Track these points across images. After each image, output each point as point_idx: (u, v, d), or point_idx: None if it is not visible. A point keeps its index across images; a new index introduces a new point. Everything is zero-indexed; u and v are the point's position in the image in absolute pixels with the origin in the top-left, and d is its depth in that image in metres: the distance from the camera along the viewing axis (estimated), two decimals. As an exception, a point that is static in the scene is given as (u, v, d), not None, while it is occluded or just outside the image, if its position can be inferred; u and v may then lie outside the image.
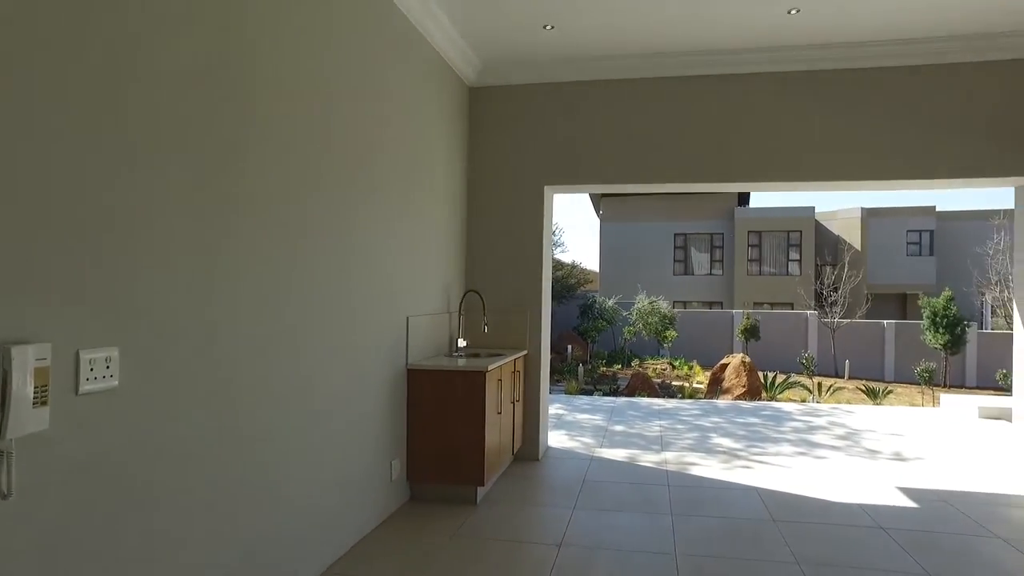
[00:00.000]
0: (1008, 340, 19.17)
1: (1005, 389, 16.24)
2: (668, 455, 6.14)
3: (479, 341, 5.76)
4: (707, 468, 5.71)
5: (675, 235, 29.00)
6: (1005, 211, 23.97)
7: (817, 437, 7.08)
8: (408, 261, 4.57)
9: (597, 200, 29.80)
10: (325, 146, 3.40)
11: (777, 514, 4.50)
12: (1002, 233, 21.18)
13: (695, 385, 15.04)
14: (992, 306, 22.18)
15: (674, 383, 15.64)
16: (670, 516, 4.45)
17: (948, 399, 9.27)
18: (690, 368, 19.28)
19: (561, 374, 16.40)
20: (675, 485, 5.18)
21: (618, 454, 6.16)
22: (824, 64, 5.41)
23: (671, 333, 21.42)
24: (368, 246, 3.92)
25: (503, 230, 5.93)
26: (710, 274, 28.88)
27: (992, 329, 22.16)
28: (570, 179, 5.89)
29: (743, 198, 29.01)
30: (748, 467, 5.76)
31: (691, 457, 6.09)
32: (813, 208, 27.62)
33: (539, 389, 5.92)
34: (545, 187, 5.92)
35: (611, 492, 5.00)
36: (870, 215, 27.70)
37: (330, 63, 3.46)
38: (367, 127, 3.88)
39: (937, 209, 27.24)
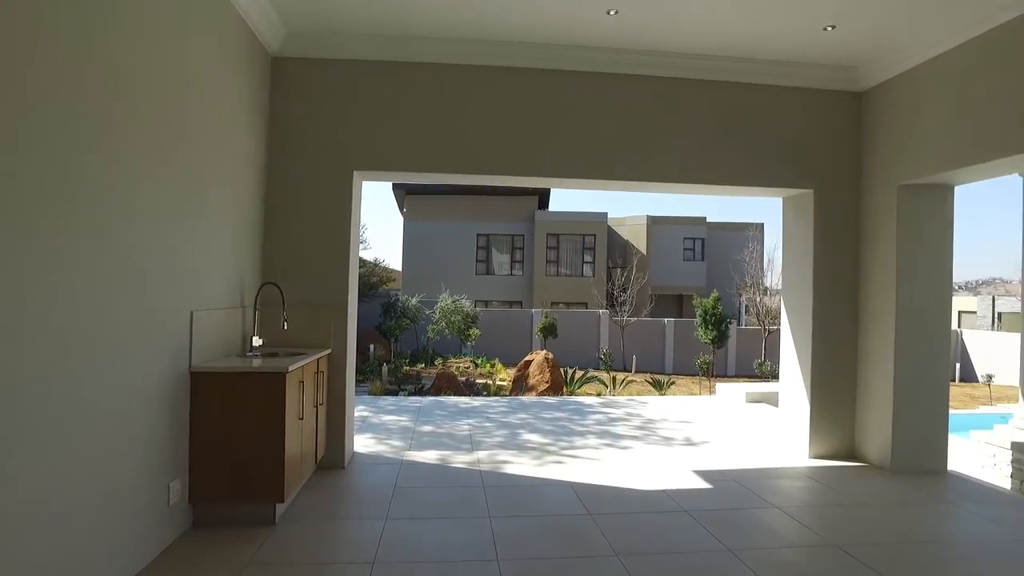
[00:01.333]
0: (758, 335, 22.31)
1: (759, 376, 18.74)
2: (480, 454, 5.99)
3: (278, 339, 5.13)
4: (520, 465, 5.65)
5: (478, 235, 29.53)
6: (756, 224, 27.79)
7: (618, 428, 7.41)
8: (193, 248, 3.86)
9: (401, 197, 29.37)
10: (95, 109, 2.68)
11: (592, 507, 4.53)
12: (755, 243, 24.49)
13: (499, 382, 15.29)
14: (746, 305, 25.45)
15: (478, 381, 15.76)
16: (489, 519, 4.26)
17: (722, 387, 10.34)
18: (492, 366, 19.64)
19: (364, 374, 15.75)
20: (490, 485, 5.02)
21: (429, 456, 5.87)
22: (640, 69, 5.62)
23: (474, 331, 21.69)
24: (140, 231, 3.20)
25: (307, 217, 5.36)
26: (511, 274, 29.85)
27: (747, 326, 25.42)
28: (382, 165, 5.49)
29: (543, 201, 30.40)
30: (560, 462, 5.80)
31: (503, 455, 6.00)
32: (606, 214, 29.79)
33: (345, 391, 5.44)
34: (355, 172, 5.45)
35: (425, 498, 4.70)
36: (654, 223, 30.54)
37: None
38: (137, 88, 3.17)
39: (707, 220, 30.84)
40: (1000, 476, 6.42)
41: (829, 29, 4.91)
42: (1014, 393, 18.45)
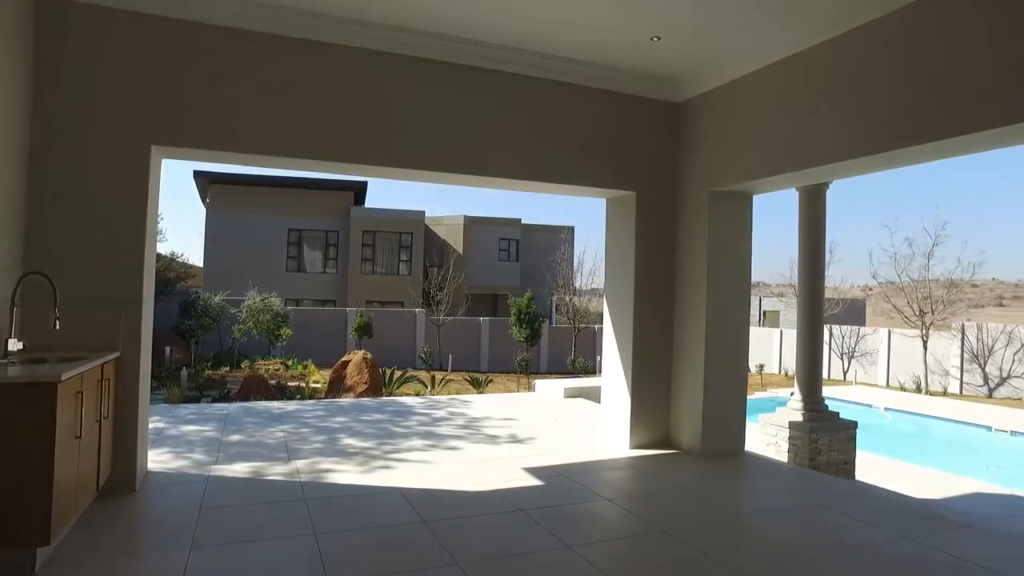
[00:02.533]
0: (569, 333, 23.50)
1: (573, 372, 19.71)
2: (299, 464, 5.47)
3: (48, 342, 4.21)
4: (345, 473, 5.24)
5: (289, 231, 27.85)
6: (567, 227, 29.32)
7: (443, 428, 7.24)
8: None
9: (204, 186, 26.75)
10: None
11: (427, 514, 4.29)
12: (566, 245, 25.79)
13: (313, 384, 14.43)
14: (557, 305, 26.73)
15: (291, 384, 14.74)
16: (314, 536, 3.84)
17: (541, 384, 10.62)
18: (305, 367, 18.54)
19: (159, 380, 13.99)
20: (314, 498, 4.57)
21: (240, 469, 5.24)
22: (478, 61, 5.48)
23: (285, 331, 20.33)
24: None
25: (92, 197, 4.48)
26: (324, 272, 28.53)
27: (557, 324, 26.69)
28: (187, 140, 4.78)
29: (359, 197, 29.44)
30: (387, 467, 5.48)
31: (325, 463, 5.53)
32: (424, 212, 29.58)
33: (137, 401, 4.64)
34: (153, 147, 4.68)
35: (239, 518, 4.13)
36: (471, 223, 30.93)
37: None
38: None
39: (522, 222, 31.91)
40: (780, 452, 7.26)
41: (655, 40, 5.15)
42: (780, 380, 21.42)
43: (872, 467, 7.59)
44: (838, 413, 7.40)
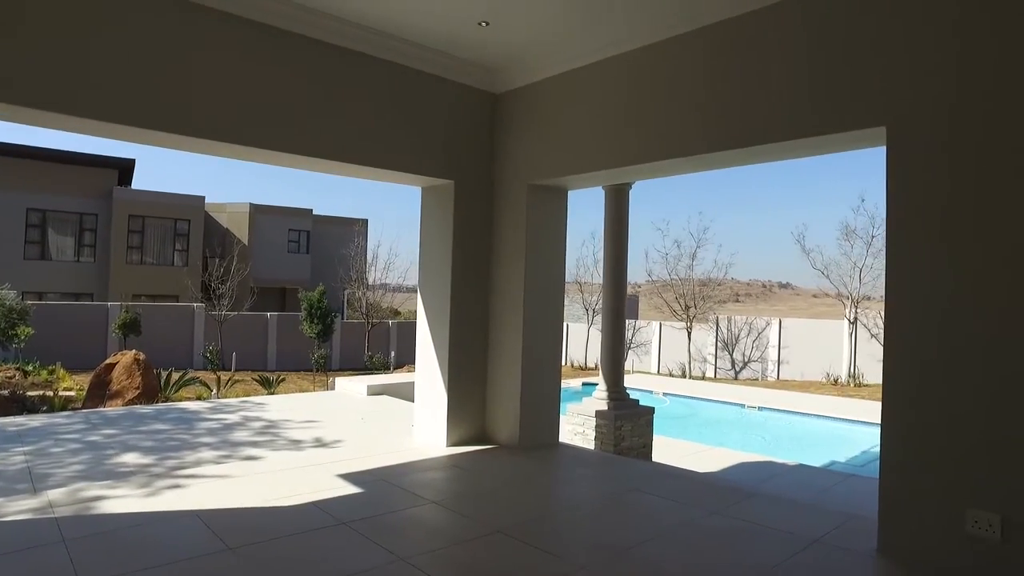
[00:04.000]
0: (362, 328, 22.72)
1: (372, 369, 19.07)
2: (53, 494, 4.44)
3: None
4: (121, 500, 4.36)
5: (29, 210, 23.50)
6: (361, 220, 28.43)
7: (238, 435, 6.46)
8: None
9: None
10: None
11: (232, 539, 3.69)
12: (360, 238, 24.96)
13: (64, 393, 12.21)
14: (349, 300, 25.77)
15: (32, 394, 12.32)
16: (85, 585, 3.09)
17: (342, 382, 10.04)
18: (52, 373, 15.68)
19: None
20: (77, 537, 3.70)
21: (-33, 508, 4.12)
22: (294, 27, 4.88)
23: (24, 330, 17.01)
24: None
25: None
26: (78, 261, 24.52)
27: (349, 319, 25.72)
28: None
29: (124, 176, 25.73)
30: (177, 486, 4.69)
31: (92, 489, 4.58)
32: (203, 197, 26.72)
33: None
34: None
35: (-32, 574, 3.20)
36: (257, 211, 28.59)
37: None
38: None
39: (314, 212, 30.24)
40: (588, 440, 7.58)
41: (484, 25, 5.00)
42: (567, 371, 22.78)
43: (662, 448, 8.25)
44: (638, 400, 7.92)
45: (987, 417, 3.39)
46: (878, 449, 3.79)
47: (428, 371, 6.24)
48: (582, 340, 24.79)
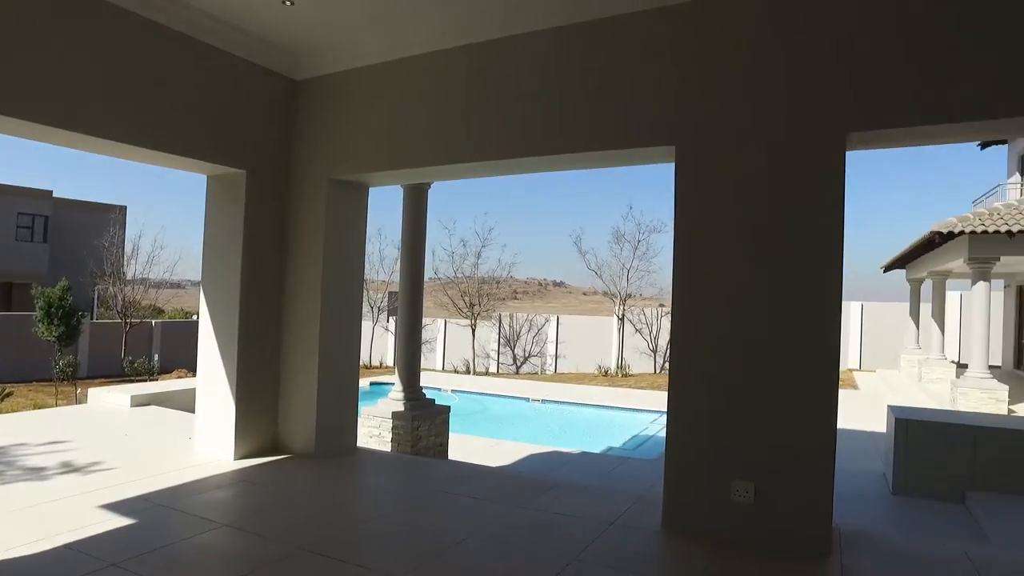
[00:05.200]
0: (119, 329, 19.93)
1: (133, 376, 16.66)
2: None
3: None
4: None
5: None
6: (119, 206, 24.92)
7: (-44, 467, 5.26)
8: None
9: None
10: None
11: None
12: (117, 228, 21.86)
13: None
14: (102, 297, 22.47)
15: None
16: None
17: (97, 393, 8.70)
18: None
19: None
20: None
21: None
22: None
23: None
24: None
25: None
26: None
27: (101, 319, 22.43)
28: None
29: None
30: None
31: None
32: None
33: None
34: None
35: None
36: (-30, 190, 23.63)
37: None
38: None
39: (55, 195, 25.71)
40: (384, 442, 7.42)
41: (288, 3, 4.62)
42: (362, 372, 22.16)
43: (457, 445, 8.38)
44: (434, 400, 7.94)
45: (744, 402, 3.95)
46: (648, 433, 4.22)
47: (212, 377, 5.64)
48: (367, 338, 24.31)
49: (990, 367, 13.05)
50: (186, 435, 6.24)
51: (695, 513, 4.09)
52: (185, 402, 8.68)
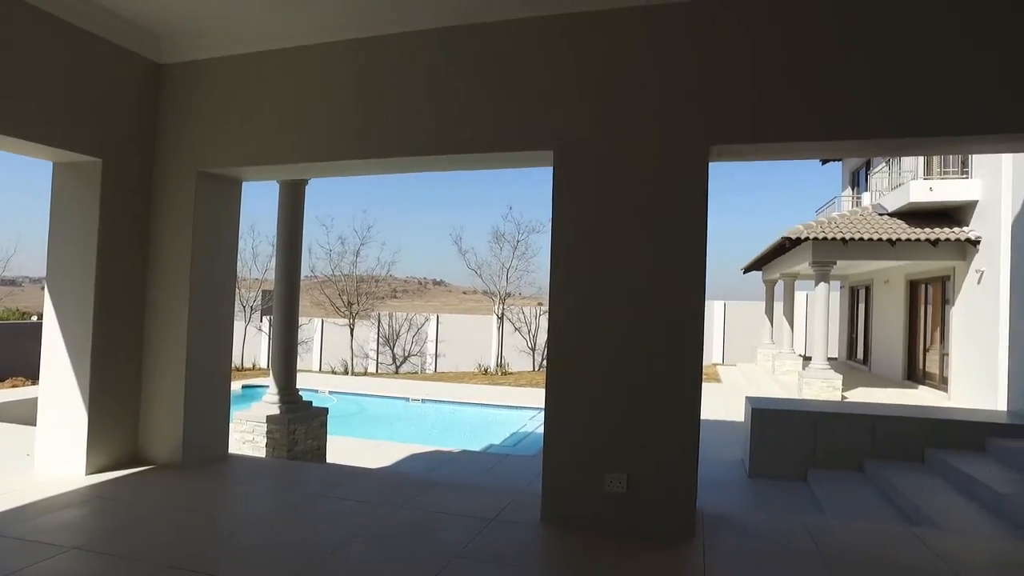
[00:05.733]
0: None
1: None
2: None
3: None
4: None
5: None
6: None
7: None
8: None
9: None
10: None
11: None
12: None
13: None
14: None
15: None
16: None
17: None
18: None
19: None
20: None
21: None
22: None
23: None
24: None
25: None
26: None
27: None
28: None
29: None
30: None
31: None
32: None
33: None
34: None
35: None
36: None
37: None
38: None
39: None
40: (258, 448, 7.10)
41: (149, -21, 4.30)
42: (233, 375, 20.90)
43: (335, 448, 8.16)
44: (311, 402, 7.68)
45: (617, 397, 4.17)
46: (527, 430, 4.36)
47: (59, 384, 5.13)
48: (239, 339, 23.05)
49: (829, 359, 14.56)
50: (24, 451, 5.64)
51: (572, 505, 4.26)
52: (21, 414, 7.87)
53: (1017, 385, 8.05)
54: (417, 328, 24.67)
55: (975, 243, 11.80)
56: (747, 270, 22.20)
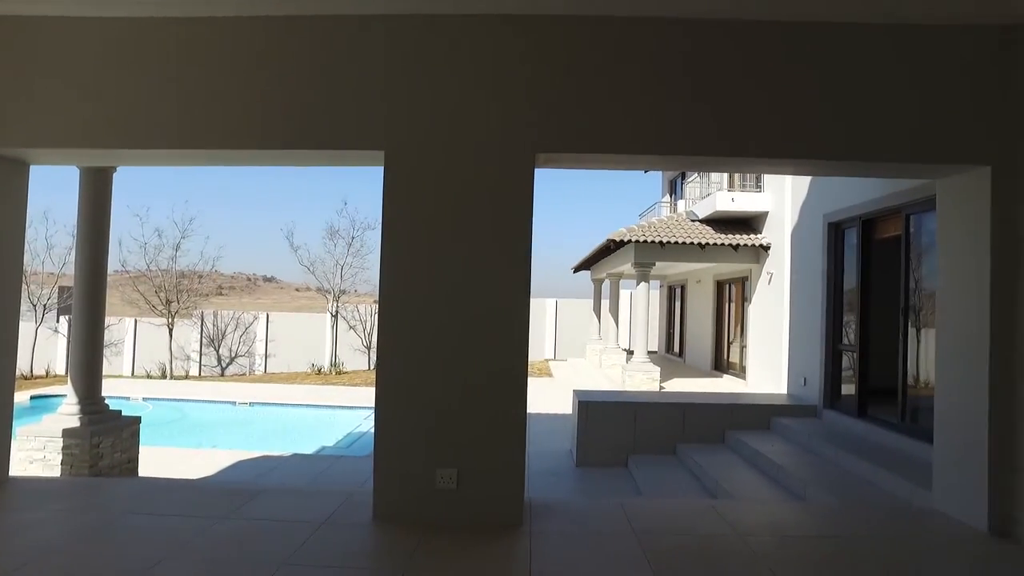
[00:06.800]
0: None
1: None
2: None
3: None
4: None
5: None
6: None
7: None
8: None
9: None
10: None
11: None
12: None
13: None
14: None
15: None
16: None
17: None
18: None
19: None
20: None
21: None
22: None
23: None
24: None
25: None
26: None
27: None
28: None
29: None
30: None
31: None
32: None
33: None
34: None
35: None
36: None
37: None
38: None
39: None
40: (52, 467, 6.32)
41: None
42: (19, 384, 18.22)
43: (150, 460, 7.48)
44: (120, 411, 6.96)
45: (446, 394, 4.27)
46: (362, 430, 4.34)
47: None
48: (26, 342, 20.29)
49: (649, 353, 15.84)
50: None
51: (404, 503, 4.29)
52: None
53: (794, 372, 9.32)
54: (245, 327, 23.23)
55: (766, 248, 13.43)
56: (577, 270, 23.50)
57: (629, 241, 14.44)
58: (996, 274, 4.32)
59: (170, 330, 20.99)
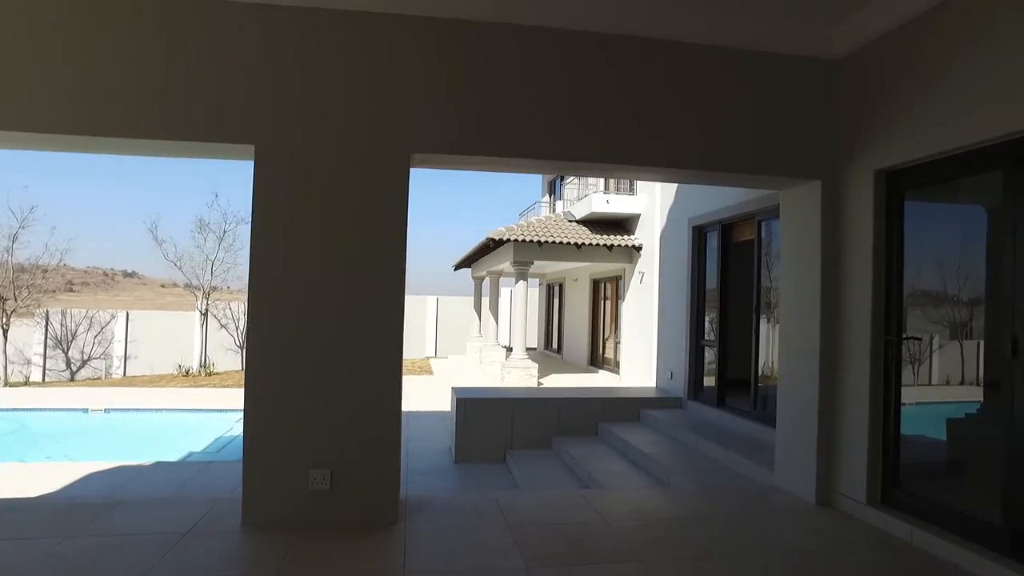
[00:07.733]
0: None
1: None
2: None
3: None
4: None
5: None
6: None
7: None
8: None
9: None
10: None
11: None
12: None
13: None
14: None
15: None
16: None
17: None
18: None
19: None
20: None
21: None
22: None
23: None
24: None
25: None
26: None
27: None
28: None
29: None
30: None
31: None
32: None
33: None
34: None
35: None
36: None
37: None
38: None
39: None
40: None
41: None
42: None
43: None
44: (-55, 422, 6.22)
45: (318, 395, 4.22)
46: (233, 434, 4.19)
47: None
48: None
49: (528, 349, 16.23)
50: None
51: (275, 506, 4.19)
52: None
53: (663, 366, 9.94)
54: (101, 327, 21.36)
55: (638, 249, 14.18)
56: (458, 267, 23.60)
57: (508, 240, 14.72)
58: (825, 276, 4.88)
59: (5, 331, 18.91)
